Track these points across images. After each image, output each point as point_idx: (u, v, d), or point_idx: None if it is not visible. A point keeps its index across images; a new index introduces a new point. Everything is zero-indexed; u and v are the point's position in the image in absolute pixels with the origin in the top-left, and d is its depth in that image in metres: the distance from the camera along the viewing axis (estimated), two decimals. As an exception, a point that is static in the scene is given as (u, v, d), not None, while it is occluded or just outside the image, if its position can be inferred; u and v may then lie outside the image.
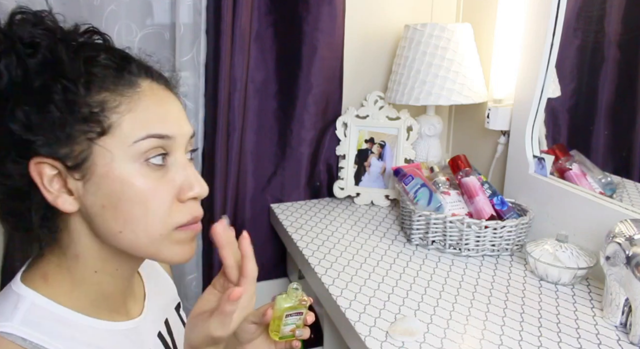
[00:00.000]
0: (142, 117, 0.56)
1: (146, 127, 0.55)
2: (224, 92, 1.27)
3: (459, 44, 1.33)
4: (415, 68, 1.35)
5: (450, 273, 1.08)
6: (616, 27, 1.07)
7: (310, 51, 1.39)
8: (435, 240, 1.17)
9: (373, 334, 0.86)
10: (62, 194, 0.55)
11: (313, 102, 1.43)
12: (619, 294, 0.87)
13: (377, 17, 1.52)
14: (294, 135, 1.45)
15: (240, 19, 1.24)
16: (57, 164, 0.54)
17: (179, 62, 1.24)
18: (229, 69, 1.27)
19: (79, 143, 0.54)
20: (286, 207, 1.46)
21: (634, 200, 1.02)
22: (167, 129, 0.57)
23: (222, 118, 1.28)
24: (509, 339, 0.85)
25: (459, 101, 1.33)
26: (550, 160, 1.18)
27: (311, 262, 1.12)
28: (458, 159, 1.24)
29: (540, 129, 1.24)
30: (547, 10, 1.14)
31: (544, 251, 1.03)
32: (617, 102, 1.08)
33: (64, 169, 0.54)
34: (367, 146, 1.50)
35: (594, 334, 0.87)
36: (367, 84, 1.56)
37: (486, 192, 1.18)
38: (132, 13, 1.20)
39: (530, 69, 1.21)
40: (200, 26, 1.23)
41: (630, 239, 0.83)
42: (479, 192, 1.17)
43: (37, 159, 0.54)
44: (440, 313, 0.93)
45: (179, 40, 1.23)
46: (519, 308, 0.94)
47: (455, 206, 1.20)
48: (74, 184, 0.55)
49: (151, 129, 0.56)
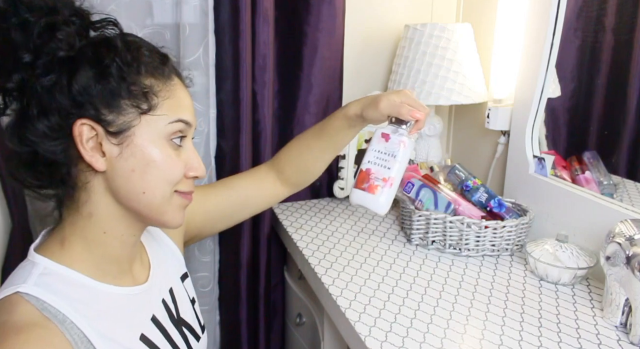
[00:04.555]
0: (175, 104, 0.68)
1: (178, 113, 0.68)
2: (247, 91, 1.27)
3: (459, 44, 1.33)
4: (415, 68, 1.35)
5: (450, 273, 1.08)
6: (616, 26, 1.07)
7: (310, 51, 1.39)
8: (435, 240, 1.17)
9: (373, 334, 0.86)
10: (95, 154, 0.65)
11: (313, 102, 1.43)
12: (619, 294, 0.87)
13: (377, 17, 1.52)
14: (295, 135, 1.45)
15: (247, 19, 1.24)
16: (98, 127, 0.64)
17: (183, 63, 1.24)
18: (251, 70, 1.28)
19: (125, 114, 0.64)
20: (286, 207, 1.46)
21: (634, 200, 1.02)
22: (189, 117, 0.70)
23: (246, 117, 1.29)
24: (509, 339, 0.85)
25: (459, 101, 1.33)
26: (551, 160, 1.18)
27: (311, 262, 1.12)
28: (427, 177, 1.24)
29: (540, 129, 1.24)
30: (547, 10, 1.14)
31: (544, 251, 1.03)
32: (617, 102, 1.08)
33: (103, 133, 0.64)
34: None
35: (594, 335, 0.87)
36: (367, 84, 1.56)
37: (482, 195, 1.18)
38: (132, 13, 1.20)
39: (530, 69, 1.21)
40: (207, 27, 1.23)
41: (630, 239, 0.83)
42: (460, 201, 1.18)
43: (83, 120, 0.63)
44: (440, 313, 0.93)
45: (184, 41, 1.23)
46: (519, 308, 0.94)
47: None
48: (108, 147, 0.65)
49: (181, 115, 0.68)
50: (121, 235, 0.70)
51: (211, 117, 1.30)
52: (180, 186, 0.70)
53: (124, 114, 0.65)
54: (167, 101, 0.67)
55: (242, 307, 1.41)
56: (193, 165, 0.71)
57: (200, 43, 1.24)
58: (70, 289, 0.64)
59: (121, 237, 0.70)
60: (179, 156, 0.69)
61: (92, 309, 0.65)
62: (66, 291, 0.64)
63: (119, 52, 0.65)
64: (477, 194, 1.19)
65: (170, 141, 0.68)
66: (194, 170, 0.72)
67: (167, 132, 0.67)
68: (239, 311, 1.41)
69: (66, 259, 0.66)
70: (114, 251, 0.70)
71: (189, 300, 0.87)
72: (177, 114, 0.68)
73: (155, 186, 0.67)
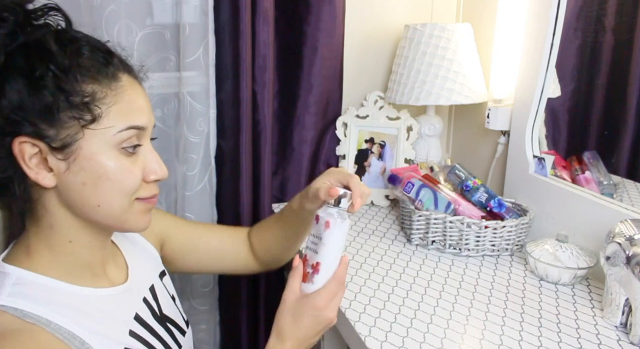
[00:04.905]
0: (124, 109, 0.62)
1: (127, 119, 0.62)
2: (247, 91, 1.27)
3: (459, 44, 1.33)
4: (415, 68, 1.35)
5: (450, 272, 1.08)
6: (616, 26, 1.07)
7: (310, 51, 1.39)
8: (435, 240, 1.17)
9: (373, 334, 0.86)
10: (41, 171, 0.60)
11: (313, 102, 1.43)
12: (619, 294, 0.87)
13: (377, 17, 1.52)
14: (295, 135, 1.45)
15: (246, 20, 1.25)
16: (40, 144, 0.59)
17: (183, 63, 1.24)
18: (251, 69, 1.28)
19: (67, 128, 0.59)
20: (286, 207, 1.46)
21: (634, 200, 1.02)
22: (143, 121, 0.64)
23: (246, 117, 1.29)
24: (509, 339, 0.85)
25: (459, 101, 1.33)
26: (551, 160, 1.18)
27: (311, 262, 1.12)
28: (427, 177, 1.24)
29: (540, 129, 1.24)
30: (547, 10, 1.14)
31: (544, 251, 1.03)
32: (617, 102, 1.08)
33: (46, 149, 0.59)
34: (367, 146, 1.50)
35: (594, 335, 0.87)
36: (367, 84, 1.56)
37: (482, 195, 1.18)
38: (132, 13, 1.20)
39: (530, 69, 1.21)
40: (207, 27, 1.23)
41: (630, 239, 0.83)
42: (460, 201, 1.18)
43: (21, 138, 0.58)
44: (440, 313, 0.93)
45: (184, 41, 1.23)
46: (519, 308, 0.94)
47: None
48: (54, 162, 0.60)
49: (131, 121, 0.62)
50: (88, 242, 0.67)
51: (211, 117, 1.30)
52: (141, 193, 0.66)
53: (66, 128, 0.59)
54: (113, 107, 0.61)
55: (242, 307, 1.41)
56: (152, 168, 0.66)
57: (200, 43, 1.24)
58: (48, 295, 0.62)
59: (89, 244, 0.67)
60: (135, 162, 0.64)
61: (75, 311, 0.63)
62: (44, 296, 0.61)
63: (54, 58, 0.58)
64: (477, 194, 1.19)
65: (123, 149, 0.62)
66: (154, 173, 0.66)
67: (117, 141, 0.61)
68: (239, 311, 1.41)
69: (36, 266, 0.64)
70: (84, 257, 0.67)
71: (169, 297, 0.85)
72: (127, 120, 0.62)
73: (111, 199, 0.63)
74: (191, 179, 1.31)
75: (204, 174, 1.33)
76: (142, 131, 0.64)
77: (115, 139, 0.61)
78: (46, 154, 0.59)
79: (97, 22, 1.14)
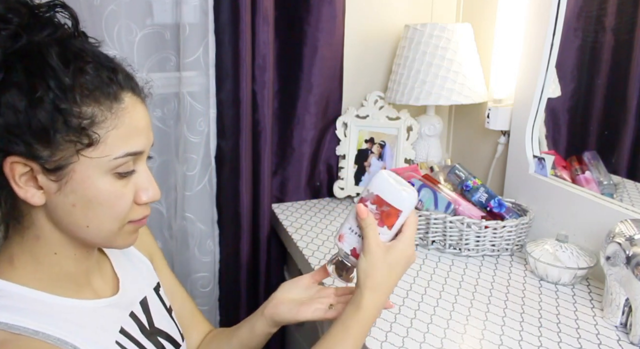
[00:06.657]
0: (124, 134, 0.59)
1: (126, 146, 0.59)
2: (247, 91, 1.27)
3: (459, 44, 1.33)
4: (415, 68, 1.35)
5: (450, 272, 1.08)
6: (616, 26, 1.07)
7: (310, 51, 1.39)
8: (435, 240, 1.17)
9: (373, 334, 0.86)
10: (30, 188, 0.58)
11: (313, 102, 1.43)
12: (619, 294, 0.87)
13: (377, 17, 1.52)
14: (295, 135, 1.45)
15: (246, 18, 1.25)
16: (33, 164, 0.57)
17: (183, 63, 1.24)
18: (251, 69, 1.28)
19: (62, 150, 0.56)
20: (286, 207, 1.46)
21: (634, 200, 1.02)
22: (140, 145, 0.61)
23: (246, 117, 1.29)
24: (509, 339, 0.85)
25: (459, 101, 1.33)
26: (551, 160, 1.18)
27: (311, 262, 1.12)
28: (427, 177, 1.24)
29: (540, 129, 1.24)
30: (547, 10, 1.14)
31: (544, 251, 1.03)
32: (617, 102, 1.08)
33: (38, 169, 0.57)
34: (367, 146, 1.50)
35: (594, 334, 0.87)
36: (367, 84, 1.56)
37: (482, 195, 1.18)
38: (132, 13, 1.20)
39: (530, 69, 1.21)
40: (207, 27, 1.23)
41: (630, 239, 0.83)
42: (460, 201, 1.18)
43: (13, 157, 0.56)
44: (440, 313, 0.93)
45: (184, 41, 1.23)
46: (519, 308, 0.94)
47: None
48: (45, 181, 0.58)
49: (129, 147, 0.60)
50: (74, 254, 0.65)
51: (211, 117, 1.30)
52: (132, 215, 0.64)
53: (62, 150, 0.56)
54: (112, 131, 0.58)
55: (242, 307, 1.41)
56: (145, 188, 0.64)
57: (200, 43, 1.24)
58: (31, 306, 0.60)
59: (74, 256, 0.65)
60: (127, 185, 0.62)
61: (61, 320, 0.61)
62: (28, 308, 0.59)
63: (56, 75, 0.55)
64: (477, 194, 1.19)
65: (119, 173, 0.60)
66: (146, 195, 0.64)
67: (112, 166, 0.59)
68: (239, 311, 1.41)
69: (19, 277, 0.61)
70: (68, 268, 0.65)
71: (165, 309, 0.82)
72: (125, 147, 0.59)
73: (101, 222, 0.61)
74: (191, 179, 1.32)
75: (204, 174, 1.33)
76: (139, 154, 0.62)
77: (111, 165, 0.59)
78: (37, 173, 0.57)
79: (97, 21, 1.14)
